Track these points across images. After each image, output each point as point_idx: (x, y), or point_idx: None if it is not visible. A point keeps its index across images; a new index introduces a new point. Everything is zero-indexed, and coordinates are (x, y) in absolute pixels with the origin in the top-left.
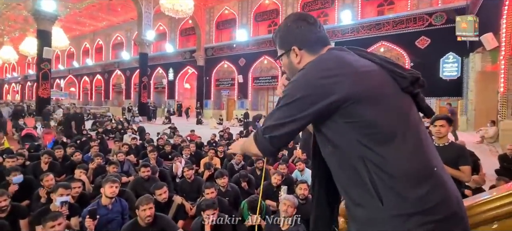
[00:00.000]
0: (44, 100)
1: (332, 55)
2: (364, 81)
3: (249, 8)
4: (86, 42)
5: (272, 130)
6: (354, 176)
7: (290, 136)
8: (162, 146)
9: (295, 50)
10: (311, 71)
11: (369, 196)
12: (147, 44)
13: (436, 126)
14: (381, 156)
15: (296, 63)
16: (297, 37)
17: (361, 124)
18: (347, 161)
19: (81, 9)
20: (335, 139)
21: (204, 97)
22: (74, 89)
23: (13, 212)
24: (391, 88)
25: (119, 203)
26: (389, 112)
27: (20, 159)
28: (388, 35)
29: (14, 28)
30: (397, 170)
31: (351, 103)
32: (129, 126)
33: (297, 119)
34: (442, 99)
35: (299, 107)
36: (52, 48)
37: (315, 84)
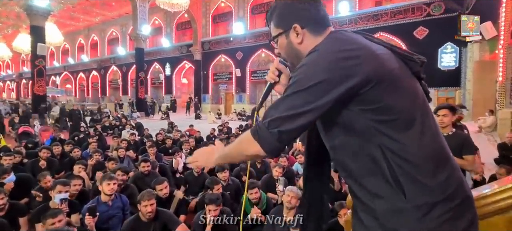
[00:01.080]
0: (40, 97)
1: (346, 36)
2: (383, 64)
3: (245, 1)
4: (80, 38)
5: (282, 122)
6: (370, 166)
7: (303, 130)
8: (161, 141)
9: (296, 29)
10: (328, 51)
11: (388, 187)
12: (143, 39)
13: (439, 115)
14: (401, 143)
15: (296, 43)
16: (299, 14)
17: (379, 110)
18: (363, 150)
19: (75, 4)
20: (349, 128)
21: (201, 92)
22: (70, 86)
23: (12, 210)
24: (405, 72)
25: (119, 199)
26: (407, 97)
27: (18, 157)
28: (386, 26)
29: (7, 24)
30: (418, 158)
31: (371, 87)
32: (127, 122)
33: (314, 108)
34: (440, 90)
35: (316, 94)
36: (46, 44)
37: (335, 67)
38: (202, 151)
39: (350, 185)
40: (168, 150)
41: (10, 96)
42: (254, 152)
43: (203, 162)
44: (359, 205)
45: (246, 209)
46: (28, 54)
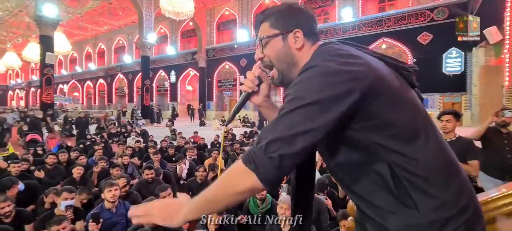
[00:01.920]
0: (48, 105)
1: (344, 49)
2: (381, 77)
3: (249, 9)
4: (88, 47)
5: (282, 145)
6: (378, 183)
7: (305, 154)
8: (166, 148)
9: (297, 34)
10: (328, 66)
11: (399, 202)
12: (148, 47)
13: (443, 120)
14: (407, 157)
15: (294, 48)
16: (304, 21)
17: (381, 124)
18: (369, 167)
19: (83, 14)
20: (352, 146)
21: (206, 99)
22: (77, 94)
23: (18, 218)
24: (401, 83)
25: (123, 206)
26: (407, 108)
27: (25, 164)
28: (389, 31)
29: (17, 34)
30: (427, 170)
31: (371, 102)
32: (133, 129)
33: (318, 127)
34: (446, 95)
35: (319, 111)
36: (54, 53)
37: (337, 82)
38: (162, 204)
39: (357, 204)
40: (172, 157)
41: (19, 105)
42: (249, 185)
43: (160, 218)
44: (369, 222)
45: (250, 208)
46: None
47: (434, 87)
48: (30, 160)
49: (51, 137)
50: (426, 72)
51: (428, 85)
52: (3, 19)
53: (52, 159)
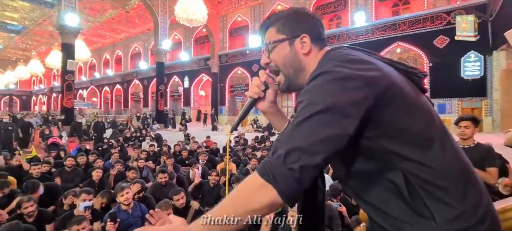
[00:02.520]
0: (68, 110)
1: (349, 52)
2: (394, 84)
3: (261, 15)
4: (106, 54)
5: (302, 155)
6: (393, 193)
7: (325, 165)
8: (179, 152)
9: (304, 39)
10: (341, 71)
11: (415, 213)
12: (163, 54)
13: (461, 126)
14: (423, 165)
15: (301, 54)
16: (311, 26)
17: (394, 131)
18: (382, 176)
19: (102, 22)
20: (365, 155)
21: (218, 104)
22: (95, 99)
23: (40, 218)
24: (413, 89)
25: (138, 208)
26: (421, 115)
27: (46, 166)
28: (404, 35)
29: (41, 42)
30: (444, 179)
31: (383, 108)
32: (147, 133)
33: (340, 135)
34: (465, 100)
35: (338, 117)
36: (75, 60)
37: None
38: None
39: (369, 214)
40: (185, 161)
41: (41, 109)
42: (268, 200)
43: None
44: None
45: None
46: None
47: (452, 92)
48: (51, 162)
49: (70, 140)
50: (443, 76)
51: (445, 90)
52: (28, 29)
53: (70, 161)
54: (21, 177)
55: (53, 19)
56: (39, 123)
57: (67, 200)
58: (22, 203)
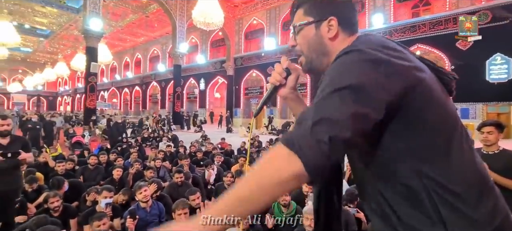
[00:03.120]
0: (90, 110)
1: (384, 39)
2: (422, 76)
3: (276, 18)
4: (126, 57)
5: (331, 126)
6: (407, 196)
7: (359, 139)
8: (194, 153)
9: (331, 22)
10: (371, 54)
11: (428, 219)
12: (180, 57)
13: (483, 132)
14: (439, 169)
15: (327, 38)
16: (339, 8)
17: (416, 129)
18: (397, 178)
19: (123, 26)
20: (382, 150)
21: (233, 106)
22: (116, 100)
23: (65, 212)
24: (442, 89)
25: (156, 206)
26: (446, 116)
27: (71, 164)
28: (424, 37)
29: (67, 46)
30: (459, 185)
31: (411, 101)
32: (164, 134)
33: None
34: (490, 105)
35: (368, 95)
36: (98, 63)
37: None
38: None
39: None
40: (200, 161)
41: (66, 109)
42: (293, 171)
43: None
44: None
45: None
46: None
47: (475, 96)
48: (75, 160)
49: (93, 140)
50: (466, 80)
51: (468, 94)
52: (56, 33)
53: (94, 160)
54: (47, 173)
55: (79, 24)
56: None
57: (90, 196)
58: (49, 198)
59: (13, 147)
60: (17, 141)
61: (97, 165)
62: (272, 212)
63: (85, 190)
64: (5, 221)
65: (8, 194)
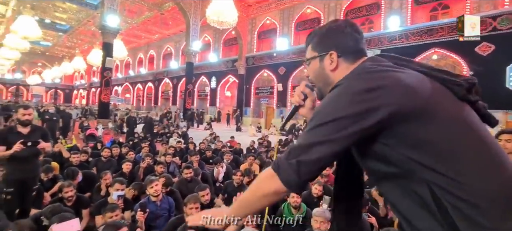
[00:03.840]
0: (105, 104)
1: (373, 66)
2: (413, 94)
3: (290, 18)
4: (141, 53)
5: (299, 152)
6: (419, 204)
7: (322, 163)
8: (204, 150)
9: (332, 56)
10: (351, 86)
11: (437, 227)
12: (193, 54)
13: (501, 140)
14: (452, 179)
15: (329, 70)
16: (339, 42)
17: (416, 143)
18: (407, 187)
19: (138, 23)
20: (388, 162)
21: (243, 105)
22: (129, 95)
23: (78, 202)
24: (446, 99)
25: (167, 201)
26: (450, 126)
27: (84, 156)
28: (442, 41)
29: (84, 41)
30: (478, 196)
31: (401, 120)
32: (175, 130)
33: (333, 140)
34: (510, 113)
35: (336, 128)
36: (113, 58)
37: (357, 100)
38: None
39: (402, 225)
40: (209, 159)
41: (81, 103)
42: (274, 188)
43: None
44: None
45: (285, 214)
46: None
47: (495, 103)
48: (88, 152)
49: (106, 133)
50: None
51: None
52: (74, 28)
53: (107, 153)
54: (62, 163)
55: (96, 20)
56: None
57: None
58: (63, 187)
59: (33, 136)
60: (37, 131)
61: (109, 158)
62: (282, 213)
63: (98, 181)
64: (23, 208)
65: (26, 181)
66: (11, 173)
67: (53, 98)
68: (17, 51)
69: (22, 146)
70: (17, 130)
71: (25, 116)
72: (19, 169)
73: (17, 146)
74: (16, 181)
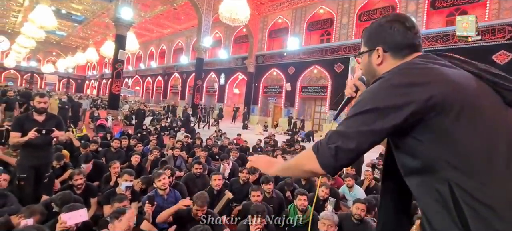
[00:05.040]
0: (115, 96)
1: (418, 63)
2: (454, 90)
3: (302, 17)
4: (152, 47)
5: (338, 138)
6: (437, 202)
7: (359, 152)
8: (210, 146)
9: (378, 51)
10: (391, 79)
11: (452, 226)
12: (203, 50)
13: None
14: (476, 182)
15: (375, 64)
16: (386, 37)
17: (448, 140)
18: (431, 184)
19: (151, 17)
20: (415, 156)
21: (251, 103)
22: (138, 88)
23: (87, 191)
24: (492, 102)
25: (173, 194)
26: (489, 129)
27: (94, 145)
28: (458, 48)
29: (98, 33)
30: (499, 201)
31: (437, 114)
32: None
33: (370, 130)
34: None
35: (373, 118)
36: (125, 51)
37: (395, 93)
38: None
39: (422, 222)
40: (216, 155)
41: (92, 93)
42: (312, 167)
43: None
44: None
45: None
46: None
47: None
48: (98, 142)
49: (115, 124)
50: None
51: None
52: (89, 20)
53: (117, 143)
54: (72, 152)
55: (110, 12)
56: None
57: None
58: (73, 175)
59: (48, 124)
60: (52, 119)
61: (119, 149)
62: (287, 213)
63: (106, 171)
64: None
65: (40, 168)
66: (25, 159)
67: (65, 87)
68: (33, 40)
69: (37, 133)
70: (33, 117)
71: (41, 104)
72: (33, 156)
73: (32, 133)
74: (29, 167)
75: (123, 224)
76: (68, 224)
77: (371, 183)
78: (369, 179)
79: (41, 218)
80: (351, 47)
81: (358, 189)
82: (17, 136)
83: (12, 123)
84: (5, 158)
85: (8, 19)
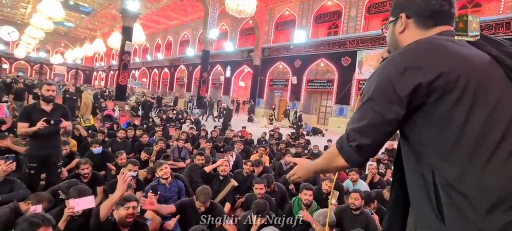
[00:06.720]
0: (122, 87)
1: (431, 42)
2: (457, 75)
3: (310, 10)
4: (158, 39)
5: (357, 136)
6: (422, 188)
7: (378, 144)
8: (215, 138)
9: (402, 18)
10: (396, 60)
11: (430, 211)
12: (210, 42)
13: None
14: (457, 170)
15: (397, 32)
16: (408, 3)
17: (443, 127)
18: (418, 169)
19: (158, 9)
20: (410, 141)
21: (257, 96)
22: (145, 80)
23: (93, 179)
24: (500, 89)
25: (175, 184)
26: (487, 117)
27: (101, 135)
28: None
29: (105, 24)
30: (473, 190)
31: (436, 99)
32: (188, 117)
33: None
34: None
35: (383, 104)
36: (132, 42)
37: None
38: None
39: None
40: (220, 148)
41: (100, 84)
42: (340, 164)
43: (303, 175)
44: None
45: (294, 209)
46: (117, 50)
47: None
48: (105, 132)
49: (122, 114)
50: None
51: None
52: (96, 11)
53: (122, 134)
54: (80, 141)
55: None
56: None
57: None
58: (80, 164)
59: (55, 113)
60: (59, 109)
61: (124, 139)
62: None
63: (113, 160)
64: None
65: (49, 157)
66: (34, 149)
67: (73, 78)
68: (42, 31)
69: (45, 123)
70: (40, 107)
71: (49, 91)
72: (41, 146)
73: (41, 123)
74: (38, 157)
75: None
76: (76, 210)
77: (375, 177)
78: (373, 173)
79: (48, 205)
80: (359, 40)
81: (362, 183)
82: (25, 126)
83: (19, 113)
84: (14, 147)
85: (18, 10)
